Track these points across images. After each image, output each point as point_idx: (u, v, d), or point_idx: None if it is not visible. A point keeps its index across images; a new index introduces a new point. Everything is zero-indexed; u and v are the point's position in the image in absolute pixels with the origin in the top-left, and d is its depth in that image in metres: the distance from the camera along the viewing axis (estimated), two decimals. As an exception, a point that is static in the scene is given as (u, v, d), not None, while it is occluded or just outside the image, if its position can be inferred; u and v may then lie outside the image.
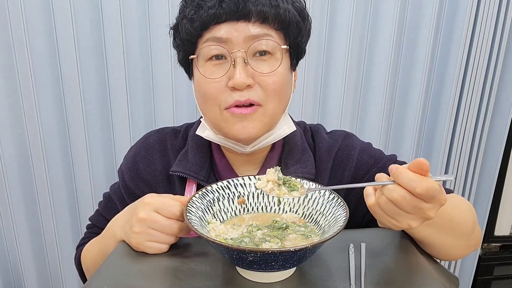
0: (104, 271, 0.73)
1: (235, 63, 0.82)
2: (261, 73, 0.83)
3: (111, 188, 1.05)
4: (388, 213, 0.65)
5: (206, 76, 0.84)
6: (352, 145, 0.97)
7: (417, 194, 0.61)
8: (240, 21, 0.81)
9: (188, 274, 0.71)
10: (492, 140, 1.78)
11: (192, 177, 0.92)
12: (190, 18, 0.82)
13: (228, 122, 0.85)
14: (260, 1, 0.80)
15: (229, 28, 0.81)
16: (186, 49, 0.87)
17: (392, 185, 0.63)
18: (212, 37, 0.82)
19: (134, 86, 1.50)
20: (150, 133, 1.03)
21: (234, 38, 0.81)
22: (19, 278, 1.65)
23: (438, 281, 0.70)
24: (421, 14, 1.57)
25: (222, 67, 0.83)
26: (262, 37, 0.82)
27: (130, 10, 1.42)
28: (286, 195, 0.74)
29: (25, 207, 1.58)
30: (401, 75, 1.65)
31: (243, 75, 0.81)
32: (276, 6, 0.81)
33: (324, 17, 1.53)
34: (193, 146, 0.96)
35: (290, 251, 0.61)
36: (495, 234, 1.97)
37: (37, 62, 1.43)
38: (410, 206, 0.62)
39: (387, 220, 0.66)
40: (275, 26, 0.83)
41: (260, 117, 0.85)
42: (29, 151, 1.52)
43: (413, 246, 0.80)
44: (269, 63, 0.84)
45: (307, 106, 1.61)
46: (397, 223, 0.66)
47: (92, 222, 1.06)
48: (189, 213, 0.72)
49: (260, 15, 0.81)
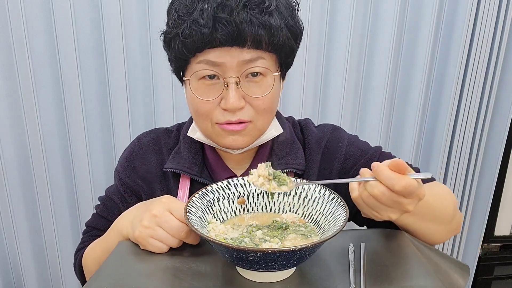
0: (104, 271, 0.73)
1: (228, 85, 0.83)
2: (252, 96, 0.85)
3: (108, 190, 1.05)
4: (370, 206, 0.71)
5: (199, 97, 0.86)
6: (340, 138, 1.01)
7: (396, 191, 0.66)
8: (234, 46, 0.81)
9: (188, 274, 0.71)
10: (492, 140, 1.78)
11: (186, 172, 0.94)
12: (183, 40, 0.82)
13: (219, 136, 0.89)
14: (254, 25, 0.79)
15: (222, 53, 0.82)
16: (179, 64, 0.88)
17: (373, 182, 0.68)
18: (206, 60, 0.83)
19: (134, 86, 1.50)
20: (143, 134, 1.05)
21: (227, 62, 0.82)
22: (19, 278, 1.65)
23: (439, 281, 0.71)
24: (421, 14, 1.57)
25: (214, 88, 0.85)
26: (255, 61, 0.83)
27: (130, 10, 1.42)
28: (276, 189, 0.76)
29: (25, 207, 1.57)
30: (401, 75, 1.65)
31: (236, 99, 0.83)
32: (270, 28, 0.81)
33: (324, 17, 1.53)
34: (185, 144, 0.98)
35: (290, 251, 0.62)
36: (495, 234, 1.97)
37: (37, 62, 1.43)
38: (389, 201, 0.68)
39: (369, 212, 0.73)
40: (268, 49, 0.84)
41: (251, 132, 0.89)
42: (29, 151, 1.52)
43: (413, 246, 0.81)
44: (260, 84, 0.86)
45: (307, 106, 1.61)
46: (378, 215, 0.72)
47: (91, 225, 1.05)
48: (189, 213, 0.72)
49: (254, 42, 0.81)
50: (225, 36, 0.79)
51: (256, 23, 0.80)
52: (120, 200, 1.01)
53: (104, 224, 1.01)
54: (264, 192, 0.84)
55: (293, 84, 1.56)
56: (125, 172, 1.00)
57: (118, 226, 0.86)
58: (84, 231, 1.07)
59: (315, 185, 0.81)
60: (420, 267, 0.74)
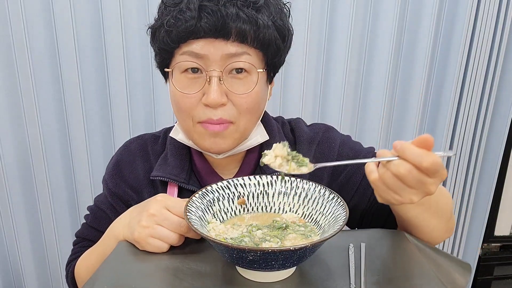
0: (104, 271, 0.73)
1: (210, 80, 0.82)
2: (235, 93, 0.83)
3: (97, 200, 1.03)
4: (392, 188, 0.66)
5: (180, 90, 0.84)
6: (332, 138, 0.98)
7: (423, 168, 0.62)
8: (218, 38, 0.80)
9: (188, 274, 0.71)
10: (492, 140, 1.78)
11: (173, 180, 0.92)
12: (167, 30, 0.81)
13: (200, 135, 0.87)
14: (240, 18, 0.79)
15: (206, 44, 0.80)
16: (163, 56, 0.86)
17: (398, 160, 0.64)
18: (189, 51, 0.81)
19: (134, 86, 1.50)
20: (130, 140, 1.03)
21: (211, 55, 0.80)
22: (19, 278, 1.65)
23: (439, 281, 0.71)
24: (421, 14, 1.57)
25: (197, 82, 0.83)
26: (239, 55, 0.82)
27: (130, 10, 1.42)
28: (295, 170, 0.73)
29: (25, 207, 1.58)
30: (401, 75, 1.65)
31: (218, 95, 0.81)
32: (256, 23, 0.80)
33: (324, 17, 1.53)
34: (172, 150, 0.96)
35: (290, 250, 0.62)
36: (495, 234, 1.97)
37: (37, 62, 1.43)
38: (414, 181, 0.64)
39: (389, 195, 0.68)
40: (254, 45, 0.83)
41: (232, 134, 0.87)
42: (29, 151, 1.52)
43: (413, 246, 0.80)
44: (244, 82, 0.84)
45: (307, 106, 1.61)
46: (399, 198, 0.67)
47: (81, 236, 1.04)
48: (189, 213, 0.72)
49: (239, 35, 0.80)
50: (209, 25, 0.78)
51: (242, 16, 0.79)
52: (109, 209, 0.99)
53: (95, 235, 0.99)
54: (264, 192, 0.84)
55: (293, 84, 1.56)
56: (113, 182, 0.98)
57: (114, 232, 0.84)
58: (74, 242, 1.05)
59: (315, 185, 0.81)
60: (420, 267, 0.74)
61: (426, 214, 0.81)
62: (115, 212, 0.98)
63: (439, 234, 0.87)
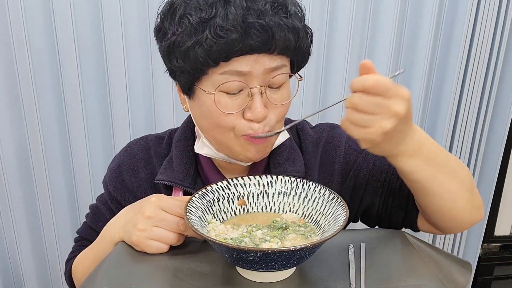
0: (104, 271, 0.73)
1: (253, 96, 0.78)
2: (274, 104, 0.81)
3: (99, 199, 1.02)
4: (358, 123, 0.65)
5: (222, 110, 0.78)
6: (337, 136, 0.96)
7: (370, 88, 0.62)
8: (262, 53, 0.76)
9: (188, 274, 0.71)
10: (492, 140, 1.78)
11: (178, 184, 0.89)
12: (207, 49, 0.73)
13: (243, 148, 0.83)
14: (283, 27, 0.75)
15: (250, 61, 0.76)
16: (193, 75, 0.79)
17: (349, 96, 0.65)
18: (232, 70, 0.76)
19: (134, 86, 1.50)
20: (133, 142, 1.01)
21: (254, 71, 0.76)
22: (19, 278, 1.65)
23: (439, 281, 0.71)
24: (421, 14, 1.57)
25: (238, 99, 0.79)
26: (279, 69, 0.79)
27: (130, 10, 1.42)
28: None
29: (25, 207, 1.57)
30: (401, 75, 1.65)
31: (262, 109, 0.78)
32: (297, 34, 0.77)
33: (324, 17, 1.52)
34: (177, 153, 0.93)
35: (290, 251, 0.62)
36: (495, 234, 1.97)
37: (37, 62, 1.43)
38: (371, 105, 0.63)
39: (363, 132, 0.65)
40: (292, 56, 0.81)
41: (272, 140, 0.86)
42: (29, 151, 1.52)
43: (413, 246, 0.80)
44: (281, 92, 0.82)
45: (307, 106, 1.61)
46: (371, 129, 0.64)
47: (80, 235, 1.03)
48: (189, 213, 0.72)
49: (283, 47, 0.77)
50: (259, 42, 0.73)
51: (285, 27, 0.75)
52: (108, 212, 0.98)
53: (93, 235, 0.98)
54: (264, 192, 0.84)
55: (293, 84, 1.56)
56: (113, 185, 0.96)
57: (110, 234, 0.83)
58: (75, 239, 1.05)
59: (315, 185, 0.81)
60: (420, 267, 0.74)
61: (440, 175, 0.75)
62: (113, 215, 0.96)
63: (463, 206, 0.79)
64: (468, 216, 0.81)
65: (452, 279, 0.77)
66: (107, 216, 0.98)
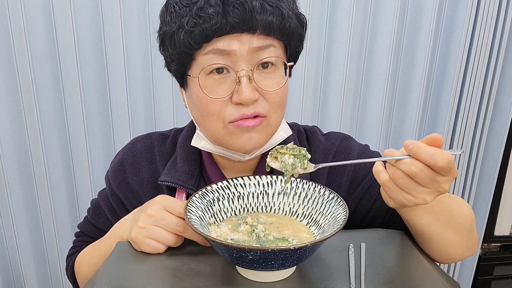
0: (104, 271, 0.73)
1: (239, 80, 0.78)
2: (266, 90, 0.80)
3: (100, 195, 1.02)
4: (404, 188, 0.65)
5: (208, 95, 0.79)
6: (350, 148, 0.95)
7: (438, 167, 0.61)
8: (244, 33, 0.76)
9: (188, 274, 0.71)
10: (492, 140, 1.78)
11: (181, 186, 0.89)
12: (189, 30, 0.76)
13: (233, 135, 0.82)
14: (265, 9, 0.76)
15: (232, 40, 0.77)
16: (182, 61, 0.81)
17: (409, 159, 0.63)
18: (214, 49, 0.77)
19: (134, 86, 1.50)
20: (137, 139, 1.00)
21: (238, 50, 0.77)
22: (19, 278, 1.65)
23: (439, 281, 0.71)
24: (421, 14, 1.57)
25: (225, 83, 0.79)
26: (266, 48, 0.79)
27: (130, 10, 1.42)
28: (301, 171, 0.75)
29: (25, 207, 1.57)
30: (401, 75, 1.65)
31: (250, 91, 0.78)
32: (281, 14, 0.78)
33: (324, 17, 1.53)
34: (182, 154, 0.92)
35: (290, 250, 0.62)
36: (495, 234, 1.97)
37: (37, 62, 1.43)
38: (427, 180, 0.62)
39: (402, 196, 0.66)
40: (279, 37, 0.81)
41: (265, 128, 0.83)
42: (29, 150, 1.52)
43: (413, 246, 0.80)
44: (272, 76, 0.81)
45: (307, 106, 1.61)
46: (412, 198, 0.65)
47: (81, 230, 1.03)
48: (189, 213, 0.72)
49: (266, 27, 0.77)
50: (237, 19, 0.74)
51: (267, 7, 0.76)
52: (108, 209, 0.98)
53: (94, 231, 0.99)
54: (264, 192, 0.84)
55: (293, 84, 1.56)
56: (116, 182, 0.95)
57: (119, 232, 0.84)
58: (76, 234, 1.05)
59: (314, 185, 0.81)
60: (420, 267, 0.74)
61: (438, 224, 0.76)
62: (113, 212, 0.97)
63: (456, 250, 0.82)
64: (460, 256, 0.84)
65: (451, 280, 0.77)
66: (107, 213, 0.98)
